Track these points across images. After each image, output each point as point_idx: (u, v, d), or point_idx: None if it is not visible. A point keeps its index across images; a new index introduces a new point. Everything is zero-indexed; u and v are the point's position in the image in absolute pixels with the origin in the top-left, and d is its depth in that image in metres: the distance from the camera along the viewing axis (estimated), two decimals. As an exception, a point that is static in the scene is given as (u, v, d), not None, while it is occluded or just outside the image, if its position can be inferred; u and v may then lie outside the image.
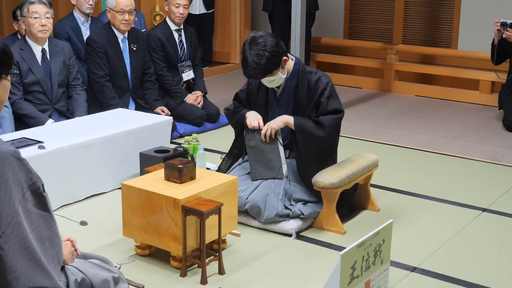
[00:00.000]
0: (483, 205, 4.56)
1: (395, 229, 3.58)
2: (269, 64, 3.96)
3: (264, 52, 3.94)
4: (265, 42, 3.97)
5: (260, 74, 3.99)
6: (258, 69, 3.96)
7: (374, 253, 3.06)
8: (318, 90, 4.14)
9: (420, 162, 5.48)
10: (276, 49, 3.98)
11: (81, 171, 4.52)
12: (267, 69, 3.98)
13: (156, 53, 6.31)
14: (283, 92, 4.22)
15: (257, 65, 3.95)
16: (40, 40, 5.33)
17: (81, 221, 4.21)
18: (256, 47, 3.96)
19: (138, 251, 3.75)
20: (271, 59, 3.96)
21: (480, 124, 6.70)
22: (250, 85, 4.39)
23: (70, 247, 2.59)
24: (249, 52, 3.97)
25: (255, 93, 4.35)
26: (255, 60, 3.94)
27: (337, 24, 9.08)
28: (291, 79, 4.18)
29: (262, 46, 3.95)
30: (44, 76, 5.34)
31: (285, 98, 4.22)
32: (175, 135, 6.00)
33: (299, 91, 4.17)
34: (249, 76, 4.04)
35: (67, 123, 5.07)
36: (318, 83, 4.16)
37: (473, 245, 3.97)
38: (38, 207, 2.21)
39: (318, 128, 4.10)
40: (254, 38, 4.00)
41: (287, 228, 4.02)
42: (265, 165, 4.18)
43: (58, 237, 2.28)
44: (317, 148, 4.14)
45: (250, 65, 3.96)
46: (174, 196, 3.44)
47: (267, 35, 4.02)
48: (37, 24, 5.24)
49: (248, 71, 3.99)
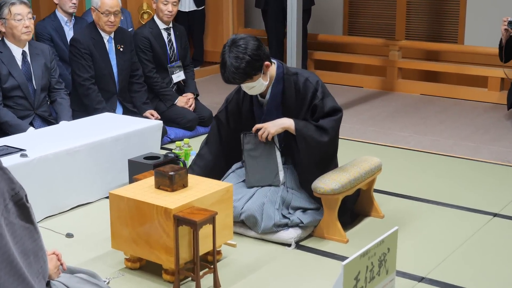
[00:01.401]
0: (494, 209, 4.58)
1: (401, 236, 3.58)
2: (249, 68, 3.92)
3: (244, 55, 3.91)
4: (246, 44, 3.93)
5: (239, 78, 3.96)
6: (237, 73, 3.92)
7: (378, 262, 3.06)
8: (308, 91, 4.12)
9: (426, 165, 5.49)
10: (257, 52, 3.94)
11: (66, 180, 4.52)
12: (246, 73, 3.94)
13: (144, 54, 6.31)
14: (270, 100, 4.19)
15: (236, 69, 3.91)
16: (22, 43, 5.33)
17: (67, 233, 4.21)
18: (236, 50, 3.92)
19: (128, 264, 3.75)
20: (251, 63, 3.92)
21: (490, 123, 6.72)
22: (230, 103, 4.35)
23: (55, 261, 2.60)
24: (228, 54, 3.93)
25: (237, 111, 4.31)
26: (234, 64, 3.91)
27: (336, 20, 9.09)
28: (276, 85, 4.15)
29: (243, 49, 3.92)
30: (25, 80, 5.33)
31: (273, 105, 4.19)
32: (165, 140, 6.00)
33: (287, 95, 4.15)
34: (227, 80, 3.99)
35: (51, 129, 5.07)
36: (307, 84, 4.13)
37: (484, 252, 3.98)
38: (21, 218, 2.21)
39: (321, 133, 4.09)
40: (234, 40, 3.97)
41: (286, 237, 4.02)
42: (260, 171, 4.19)
43: (43, 250, 2.28)
44: (320, 154, 4.14)
45: (228, 69, 3.92)
46: (165, 205, 3.44)
47: (248, 38, 3.99)
48: (20, 26, 5.25)
49: (227, 75, 3.96)
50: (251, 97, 4.25)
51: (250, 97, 4.25)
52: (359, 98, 7.79)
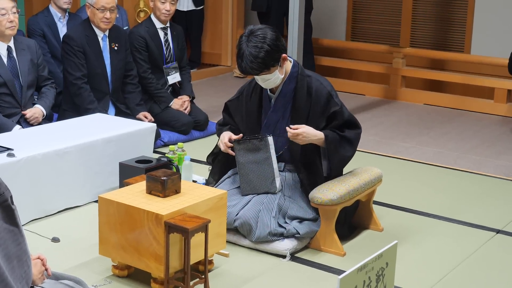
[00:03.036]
0: (498, 225, 4.57)
1: (400, 251, 3.57)
2: (268, 58, 3.97)
3: (263, 44, 3.95)
4: (265, 34, 3.99)
5: (257, 68, 3.99)
6: (255, 63, 3.96)
7: (376, 277, 3.05)
8: (321, 97, 4.14)
9: (428, 178, 5.49)
10: (276, 43, 4.00)
11: (54, 182, 4.51)
12: (265, 63, 3.98)
13: (139, 53, 6.30)
14: (279, 97, 4.22)
15: (254, 58, 3.95)
16: (6, 38, 5.31)
17: (53, 238, 4.19)
18: (254, 39, 3.97)
19: (116, 271, 3.74)
20: (271, 52, 3.97)
21: (495, 136, 6.72)
22: (242, 93, 4.39)
23: (40, 266, 2.58)
24: (247, 44, 3.98)
25: (247, 101, 4.34)
26: (253, 53, 3.95)
27: (339, 25, 9.10)
28: (288, 83, 4.18)
29: (261, 38, 3.97)
30: (11, 77, 5.31)
31: (281, 103, 4.22)
32: (158, 143, 6.00)
33: (298, 95, 4.17)
34: (244, 71, 4.03)
35: (39, 128, 5.06)
36: (321, 89, 4.16)
37: (486, 270, 3.97)
38: (5, 221, 2.20)
39: (346, 146, 4.15)
40: (252, 31, 4.02)
41: (281, 248, 4.01)
42: (256, 179, 4.18)
43: (27, 254, 2.27)
44: (342, 167, 4.26)
45: (246, 58, 3.96)
46: (156, 212, 3.43)
47: (266, 28, 4.05)
48: (4, 20, 5.23)
49: (244, 65, 3.99)
50: (262, 90, 4.27)
51: (260, 90, 4.27)
52: (360, 106, 7.79)
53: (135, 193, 3.66)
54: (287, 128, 4.05)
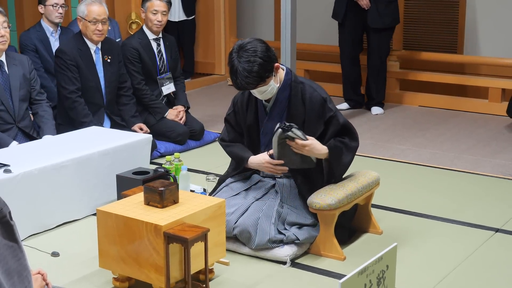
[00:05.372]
0: (496, 225, 4.58)
1: (400, 253, 3.58)
2: (262, 70, 3.97)
3: (255, 58, 3.95)
4: (255, 47, 3.98)
5: (253, 82, 3.99)
6: (250, 78, 3.96)
7: (377, 280, 3.06)
8: (317, 103, 4.14)
9: (425, 179, 5.50)
10: (267, 54, 4.00)
11: (51, 196, 4.51)
12: (260, 76, 3.98)
13: (132, 65, 6.31)
14: (274, 105, 4.23)
15: (249, 73, 3.95)
16: None
17: (53, 252, 4.19)
18: (245, 54, 3.97)
19: (116, 284, 3.74)
20: (264, 65, 3.97)
21: (491, 136, 6.73)
22: (237, 104, 4.38)
23: (40, 281, 2.59)
24: (238, 60, 3.97)
25: (244, 112, 4.34)
26: (246, 68, 3.95)
27: (332, 30, 9.11)
28: (282, 90, 4.19)
29: (252, 52, 3.97)
30: (4, 92, 5.31)
31: (277, 111, 4.23)
32: (155, 154, 6.00)
33: (293, 102, 4.18)
34: (240, 87, 4.04)
35: (35, 144, 5.06)
36: (315, 96, 4.16)
37: (486, 269, 3.97)
38: (4, 237, 2.20)
39: (348, 156, 4.17)
40: (241, 45, 4.01)
41: (281, 255, 4.02)
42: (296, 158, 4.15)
43: (28, 270, 2.27)
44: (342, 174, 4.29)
45: (241, 74, 3.95)
46: (155, 222, 3.43)
47: (255, 41, 4.04)
48: None
49: (239, 81, 3.99)
50: (256, 100, 4.28)
51: (255, 100, 4.28)
52: (355, 109, 7.80)
53: (133, 205, 3.67)
54: (296, 141, 4.00)
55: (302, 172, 4.21)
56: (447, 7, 8.35)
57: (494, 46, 7.95)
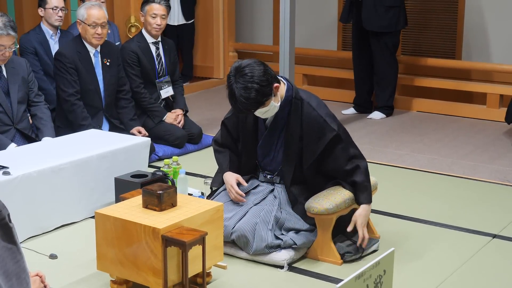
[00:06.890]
0: (494, 230, 4.58)
1: (397, 258, 3.58)
2: (259, 96, 3.92)
3: (252, 84, 3.89)
4: (252, 72, 3.91)
5: (252, 107, 3.96)
6: (248, 104, 3.92)
7: (374, 285, 3.06)
8: (315, 123, 4.09)
9: (423, 185, 5.50)
10: (264, 78, 3.93)
11: (50, 199, 4.51)
12: (258, 102, 3.94)
13: (131, 68, 6.32)
14: (274, 120, 4.20)
15: (246, 99, 3.90)
16: None
17: (51, 254, 4.19)
18: (242, 80, 3.91)
19: (114, 286, 3.74)
20: (261, 90, 3.91)
21: (489, 141, 6.74)
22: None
23: (39, 283, 2.59)
24: (235, 85, 3.92)
25: (242, 120, 4.32)
26: (244, 94, 3.90)
27: (330, 34, 9.13)
28: (283, 107, 4.14)
29: (249, 77, 3.90)
30: (2, 94, 5.31)
31: (276, 126, 4.21)
32: (153, 158, 6.00)
33: (291, 120, 4.14)
34: (239, 111, 4.02)
35: (34, 146, 5.06)
36: (314, 116, 4.10)
37: (483, 275, 3.98)
38: (3, 239, 2.20)
39: (367, 178, 4.20)
40: (238, 69, 3.95)
41: (278, 259, 4.02)
42: None
43: (26, 272, 2.27)
44: None
45: (239, 100, 3.91)
46: (153, 225, 3.44)
47: (253, 63, 3.97)
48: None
49: (238, 107, 3.96)
50: None
51: None
52: (353, 114, 7.81)
53: (131, 208, 3.67)
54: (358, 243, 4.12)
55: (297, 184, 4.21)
56: (446, 13, 8.37)
57: (492, 52, 7.97)
